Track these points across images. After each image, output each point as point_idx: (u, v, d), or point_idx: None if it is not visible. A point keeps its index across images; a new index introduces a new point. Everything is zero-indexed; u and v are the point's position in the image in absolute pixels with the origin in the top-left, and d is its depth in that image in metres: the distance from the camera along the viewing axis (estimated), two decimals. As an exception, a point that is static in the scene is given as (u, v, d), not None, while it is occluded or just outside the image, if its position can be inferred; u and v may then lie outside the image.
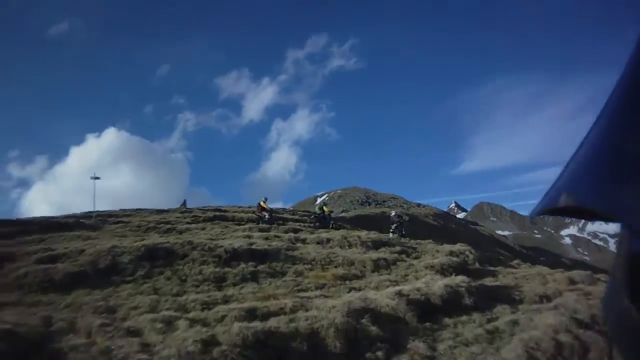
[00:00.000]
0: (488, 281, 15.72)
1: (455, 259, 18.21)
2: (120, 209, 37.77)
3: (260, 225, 29.20)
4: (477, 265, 19.94)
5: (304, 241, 21.75)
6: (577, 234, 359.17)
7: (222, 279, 14.27)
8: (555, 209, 0.79)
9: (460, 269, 16.93)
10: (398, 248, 21.52)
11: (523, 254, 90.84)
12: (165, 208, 40.20)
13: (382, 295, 10.91)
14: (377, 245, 21.58)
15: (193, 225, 27.34)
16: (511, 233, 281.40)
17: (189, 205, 47.33)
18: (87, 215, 31.72)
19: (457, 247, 22.57)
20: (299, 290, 13.26)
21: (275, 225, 29.00)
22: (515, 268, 22.10)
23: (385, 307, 10.22)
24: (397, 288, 11.71)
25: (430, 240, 27.35)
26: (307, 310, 9.77)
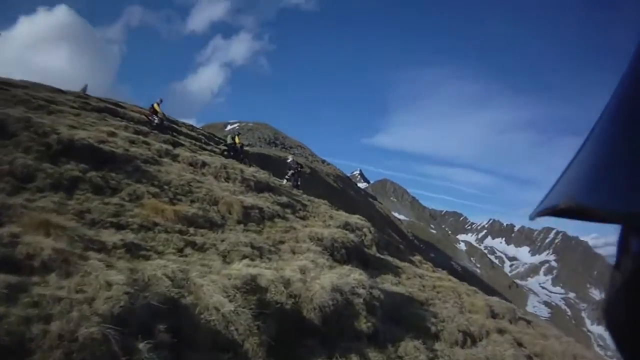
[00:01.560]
0: (390, 282, 11.75)
1: (351, 235, 13.71)
2: (21, 80, 31.99)
3: (143, 128, 24.01)
4: (375, 250, 16.04)
5: (174, 157, 16.67)
6: (474, 243, 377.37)
7: (30, 178, 9.56)
8: (556, 210, 0.66)
9: (356, 253, 12.75)
10: (284, 199, 16.92)
11: (415, 245, 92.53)
12: (64, 89, 33.87)
13: (218, 283, 5.85)
14: (260, 187, 16.77)
15: (71, 110, 21.77)
16: (407, 219, 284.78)
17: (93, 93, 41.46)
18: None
19: (355, 219, 18.48)
20: (110, 225, 8.56)
21: (156, 132, 23.77)
22: (418, 267, 18.43)
23: (212, 313, 5.24)
24: (252, 271, 6.75)
25: (325, 202, 22.93)
26: (67, 276, 4.90)
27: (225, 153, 28.01)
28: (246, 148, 71.49)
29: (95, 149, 12.26)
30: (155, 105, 27.70)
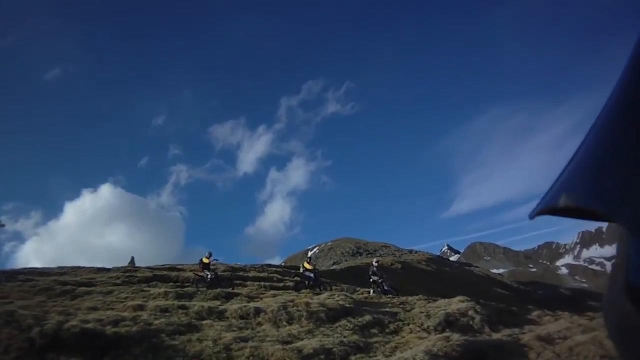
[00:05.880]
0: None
1: (451, 336, 11.55)
2: (59, 267, 34.01)
3: (198, 288, 22.96)
4: (487, 331, 13.69)
5: (220, 314, 14.55)
6: (573, 262, 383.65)
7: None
8: (555, 209, 0.73)
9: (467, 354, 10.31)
10: (368, 318, 14.47)
11: (521, 291, 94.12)
12: (109, 267, 34.62)
13: None
14: (335, 316, 14.41)
15: (106, 289, 21.08)
16: (507, 270, 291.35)
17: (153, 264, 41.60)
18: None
19: (456, 303, 16.14)
20: None
21: (205, 289, 22.05)
22: (539, 324, 15.56)
23: None
24: None
25: (420, 297, 20.55)
26: None
27: (301, 284, 26.39)
28: (333, 267, 69.96)
29: (95, 334, 10.64)
30: (205, 259, 26.20)
